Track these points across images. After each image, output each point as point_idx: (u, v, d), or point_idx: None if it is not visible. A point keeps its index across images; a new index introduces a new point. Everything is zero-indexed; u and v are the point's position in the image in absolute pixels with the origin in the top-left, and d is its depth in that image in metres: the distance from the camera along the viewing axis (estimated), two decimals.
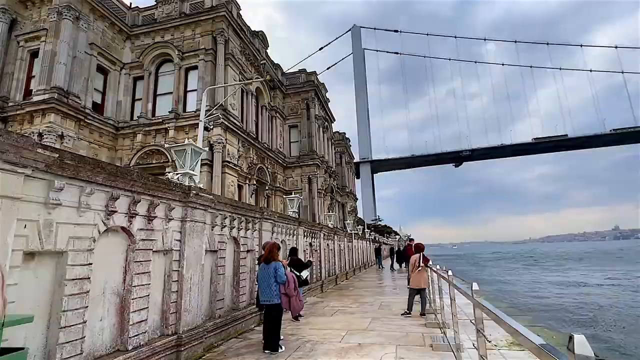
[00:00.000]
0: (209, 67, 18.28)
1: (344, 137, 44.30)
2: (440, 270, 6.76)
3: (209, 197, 6.22)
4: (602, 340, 10.58)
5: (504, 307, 14.71)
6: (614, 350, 9.53)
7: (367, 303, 10.91)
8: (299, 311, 6.54)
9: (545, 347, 1.48)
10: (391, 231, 77.49)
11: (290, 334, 7.03)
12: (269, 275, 5.90)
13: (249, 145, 20.91)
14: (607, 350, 9.56)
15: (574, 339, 1.26)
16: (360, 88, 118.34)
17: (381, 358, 5.47)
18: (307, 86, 28.41)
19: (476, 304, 2.91)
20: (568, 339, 1.29)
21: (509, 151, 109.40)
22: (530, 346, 1.61)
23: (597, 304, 16.54)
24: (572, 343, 1.26)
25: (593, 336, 10.87)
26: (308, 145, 27.27)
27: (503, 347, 5.73)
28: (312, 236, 14.08)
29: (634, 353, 9.36)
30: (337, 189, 36.32)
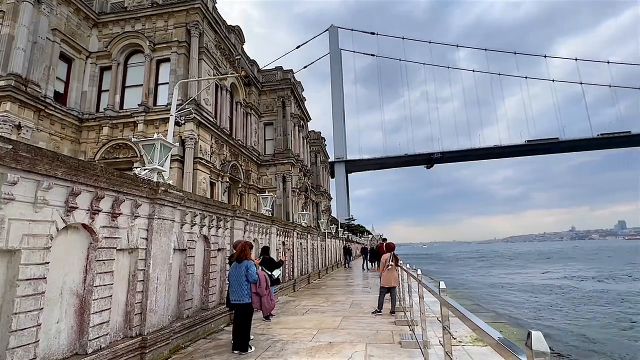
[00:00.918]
0: (182, 60, 17.73)
1: (319, 137, 44.36)
2: (410, 269, 6.91)
3: (179, 194, 6.02)
4: (559, 332, 11.24)
5: (470, 304, 15.30)
6: (571, 345, 10.14)
7: (339, 302, 10.99)
8: (270, 311, 6.48)
9: (504, 342, 1.54)
10: (364, 230, 78.54)
11: (260, 334, 6.96)
12: (240, 275, 5.80)
13: (223, 141, 20.48)
14: (564, 345, 10.16)
15: (531, 335, 1.31)
16: (337, 88, 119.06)
17: (351, 356, 5.52)
18: (284, 84, 28.20)
19: (442, 302, 2.99)
20: (527, 335, 1.35)
21: (477, 154, 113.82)
22: (491, 341, 1.67)
23: (556, 300, 17.57)
24: (529, 339, 1.31)
25: (554, 328, 11.53)
26: (283, 144, 27.09)
27: (468, 344, 5.95)
28: (286, 235, 14.00)
29: (586, 347, 10.00)
30: (312, 188, 36.34)
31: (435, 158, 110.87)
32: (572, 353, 9.00)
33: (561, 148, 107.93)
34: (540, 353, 1.27)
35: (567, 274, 32.75)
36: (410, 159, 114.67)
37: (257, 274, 5.85)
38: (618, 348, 9.78)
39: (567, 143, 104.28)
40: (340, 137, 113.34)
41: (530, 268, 41.51)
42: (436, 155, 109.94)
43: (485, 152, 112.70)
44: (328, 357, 5.50)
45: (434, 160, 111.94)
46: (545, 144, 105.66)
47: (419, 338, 5.77)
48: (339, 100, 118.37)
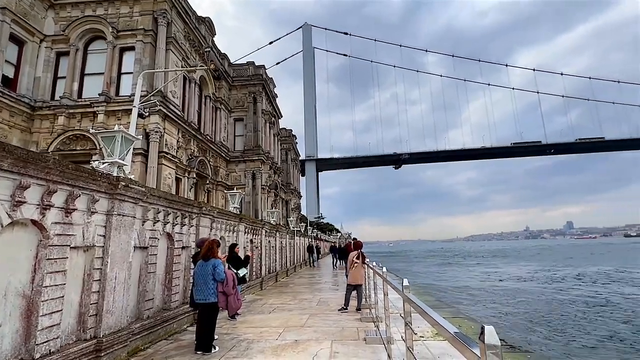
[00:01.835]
0: (147, 49, 16.95)
1: (290, 134, 44.15)
2: (376, 266, 7.05)
3: (141, 189, 5.76)
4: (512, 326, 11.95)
5: (432, 300, 15.88)
6: (523, 340, 10.80)
7: (306, 300, 11.01)
8: (237, 310, 6.36)
9: (459, 336, 1.61)
10: (333, 229, 79.22)
11: (225, 333, 6.83)
12: (206, 273, 5.65)
13: (190, 136, 19.84)
14: (518, 338, 10.80)
15: (484, 330, 1.37)
16: (309, 86, 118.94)
17: (317, 353, 5.55)
18: (255, 79, 27.76)
19: (405, 298, 3.07)
20: (480, 330, 1.41)
21: (444, 156, 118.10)
22: (448, 336, 1.74)
23: (511, 296, 18.64)
24: (483, 334, 1.37)
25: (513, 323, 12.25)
26: (253, 140, 26.69)
27: (429, 338, 6.16)
28: (254, 233, 13.82)
29: (529, 339, 10.70)
30: (282, 186, 36.12)
31: (404, 159, 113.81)
32: (522, 345, 9.60)
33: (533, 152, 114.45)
34: (492, 346, 1.34)
35: (521, 270, 34.85)
36: (380, 159, 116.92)
37: (224, 273, 5.72)
38: (562, 339, 10.56)
39: (550, 146, 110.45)
40: (311, 135, 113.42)
41: (490, 265, 43.75)
42: (404, 156, 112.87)
43: (452, 154, 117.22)
44: (294, 355, 5.50)
45: (402, 160, 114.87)
46: (522, 148, 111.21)
47: (383, 334, 5.91)
48: (311, 99, 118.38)
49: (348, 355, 5.43)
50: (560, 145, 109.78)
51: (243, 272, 8.38)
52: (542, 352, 9.05)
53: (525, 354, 8.66)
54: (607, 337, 10.70)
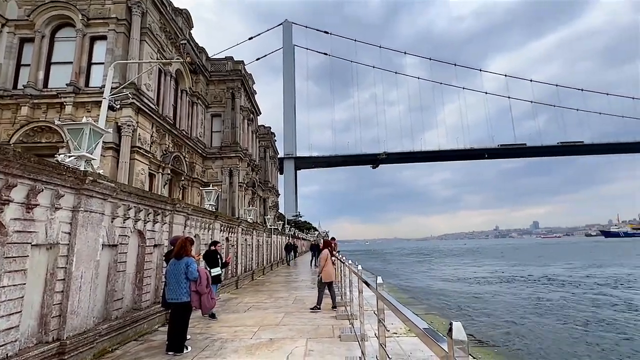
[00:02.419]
0: (121, 39, 16.30)
1: (269, 132, 43.76)
2: (352, 265, 7.11)
3: (110, 184, 5.54)
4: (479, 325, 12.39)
5: (406, 297, 16.23)
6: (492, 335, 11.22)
7: (282, 298, 10.97)
8: (211, 309, 6.23)
9: (428, 332, 1.64)
10: (311, 227, 79.35)
11: (198, 333, 6.70)
12: (179, 272, 5.51)
13: (165, 131, 19.27)
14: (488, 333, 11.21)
15: (452, 326, 1.41)
16: (289, 84, 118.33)
17: (291, 351, 5.54)
18: (234, 75, 27.29)
19: (378, 296, 3.11)
20: (449, 326, 1.45)
21: (420, 157, 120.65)
22: (417, 331, 1.78)
23: (484, 293, 19.32)
24: (451, 330, 1.41)
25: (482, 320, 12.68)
26: (231, 137, 26.25)
27: (402, 335, 6.29)
28: (230, 231, 13.62)
29: (497, 335, 11.14)
30: (260, 184, 35.76)
31: (381, 159, 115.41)
32: (490, 340, 9.98)
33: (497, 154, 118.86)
34: (459, 341, 1.38)
35: (492, 268, 36.19)
36: (358, 158, 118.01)
37: (197, 271, 5.60)
38: (532, 334, 11.06)
39: (532, 149, 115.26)
40: (290, 133, 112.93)
41: (463, 263, 45.16)
42: (382, 156, 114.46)
43: (428, 155, 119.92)
44: (268, 354, 5.47)
45: (380, 160, 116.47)
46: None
47: (357, 331, 5.97)
48: (291, 96, 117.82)
49: (323, 353, 5.46)
50: (533, 148, 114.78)
51: (217, 271, 8.24)
52: (507, 346, 9.44)
53: (493, 348, 9.01)
54: (574, 332, 11.28)
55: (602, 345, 9.70)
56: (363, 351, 4.89)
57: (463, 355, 1.37)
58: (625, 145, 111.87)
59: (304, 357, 5.30)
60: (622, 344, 9.81)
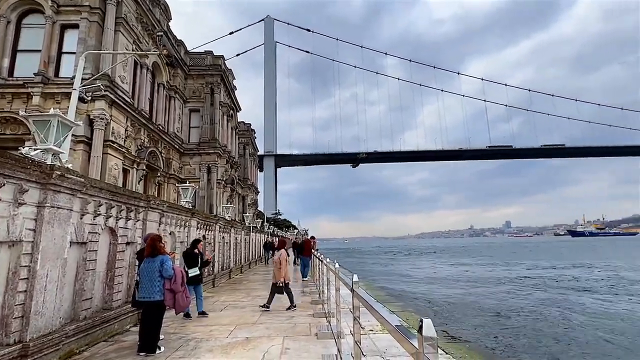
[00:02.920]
0: (94, 29, 15.65)
1: (249, 128, 43.24)
2: (330, 263, 7.14)
3: (79, 179, 5.31)
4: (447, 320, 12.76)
5: (383, 295, 16.48)
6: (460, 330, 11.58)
7: (260, 296, 10.88)
8: (185, 308, 6.09)
9: (400, 329, 1.67)
10: (290, 225, 79.15)
11: (172, 333, 6.55)
12: (153, 270, 5.36)
13: (140, 125, 18.68)
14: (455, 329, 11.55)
15: (423, 323, 1.44)
16: (270, 80, 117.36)
17: (268, 350, 5.51)
18: (213, 70, 26.77)
19: (354, 293, 3.14)
20: (419, 322, 1.47)
21: (400, 157, 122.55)
22: (390, 328, 1.81)
23: (459, 289, 19.88)
24: (421, 326, 1.44)
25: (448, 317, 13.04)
26: (210, 133, 25.76)
27: (378, 332, 6.37)
28: (207, 228, 13.37)
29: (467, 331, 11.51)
30: (239, 181, 35.31)
31: (361, 158, 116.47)
32: (462, 336, 10.30)
33: (473, 156, 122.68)
34: (429, 338, 1.40)
35: (468, 266, 37.33)
36: (339, 157, 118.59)
37: (172, 269, 5.47)
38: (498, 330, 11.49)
39: (518, 151, 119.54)
40: (270, 130, 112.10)
41: (440, 260, 46.31)
42: (362, 155, 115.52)
43: (407, 155, 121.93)
44: (244, 353, 5.41)
45: (360, 160, 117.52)
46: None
47: (334, 329, 6.01)
48: (272, 93, 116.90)
49: (299, 351, 5.46)
50: (519, 150, 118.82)
51: (194, 272, 8.04)
52: (480, 342, 9.76)
53: (465, 344, 9.30)
54: (545, 328, 11.78)
55: (572, 341, 10.18)
56: (339, 349, 4.92)
57: (432, 351, 1.40)
58: (602, 148, 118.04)
59: (280, 355, 5.28)
60: (592, 341, 10.33)
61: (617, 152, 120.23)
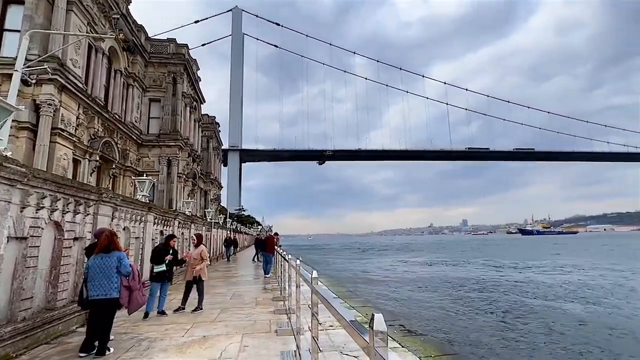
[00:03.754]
0: (42, 6, 14.42)
1: (213, 121, 42.02)
2: (291, 259, 7.12)
3: (19, 169, 4.87)
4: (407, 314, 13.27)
5: (344, 291, 16.74)
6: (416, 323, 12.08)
7: (220, 294, 10.66)
8: (141, 306, 5.79)
9: (353, 324, 1.70)
10: (254, 221, 78.11)
11: (123, 333, 6.23)
12: (109, 266, 5.06)
13: (94, 113, 17.52)
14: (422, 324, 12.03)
15: (374, 318, 1.47)
16: (236, 73, 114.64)
17: (225, 348, 5.40)
18: (176, 59, 25.65)
19: (312, 289, 3.15)
20: (371, 317, 1.50)
21: (365, 155, 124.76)
22: (344, 324, 1.84)
23: (416, 285, 20.67)
24: (372, 321, 1.47)
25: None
26: (171, 124, 24.70)
27: (337, 327, 6.46)
28: (165, 224, 12.85)
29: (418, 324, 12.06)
30: (201, 175, 34.23)
31: (327, 155, 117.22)
32: (418, 329, 10.75)
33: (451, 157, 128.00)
34: (379, 332, 1.44)
35: (426, 262, 38.94)
36: (305, 154, 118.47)
37: (130, 266, 5.21)
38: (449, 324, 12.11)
39: (496, 153, 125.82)
40: (236, 124, 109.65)
41: (400, 257, 47.83)
42: (328, 153, 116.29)
43: (372, 154, 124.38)
44: (200, 352, 5.27)
45: (327, 157, 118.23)
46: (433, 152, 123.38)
47: (294, 325, 6.01)
48: (238, 87, 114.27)
49: (258, 348, 5.40)
50: (463, 152, 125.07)
51: (160, 268, 7.67)
52: (434, 335, 10.23)
53: (420, 337, 9.70)
54: (494, 321, 12.54)
55: (519, 335, 10.92)
56: (298, 345, 4.93)
57: (382, 344, 1.43)
58: (565, 154, 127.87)
59: (239, 353, 5.20)
60: (539, 335, 11.15)
61: (578, 157, 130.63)
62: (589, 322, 12.24)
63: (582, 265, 32.47)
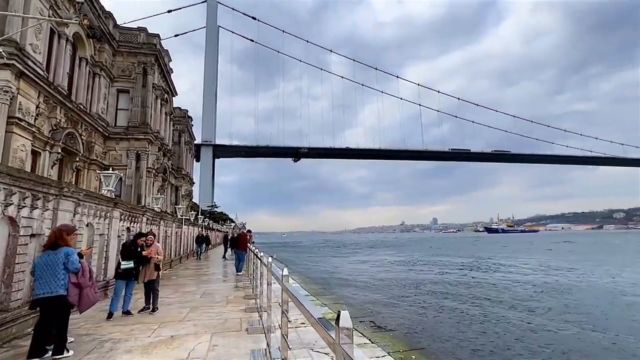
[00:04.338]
0: None
1: (186, 115, 40.80)
2: (264, 257, 7.07)
3: None
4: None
5: (317, 288, 16.84)
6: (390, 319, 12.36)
7: (189, 292, 10.42)
8: (92, 305, 5.41)
9: (321, 321, 1.71)
10: (227, 218, 76.80)
11: (84, 334, 5.95)
12: (55, 263, 4.78)
13: (56, 102, 16.55)
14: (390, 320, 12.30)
15: (340, 314, 1.48)
16: (211, 66, 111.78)
17: (194, 348, 5.29)
18: (147, 48, 24.66)
19: (283, 287, 3.14)
20: (337, 314, 1.52)
21: (341, 153, 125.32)
22: (312, 321, 1.84)
23: (384, 282, 21.10)
24: (339, 318, 1.48)
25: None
26: (140, 116, 23.74)
27: (309, 325, 6.48)
28: (132, 220, 12.36)
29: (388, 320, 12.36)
30: (172, 170, 33.19)
31: (303, 152, 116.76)
32: (387, 325, 11.01)
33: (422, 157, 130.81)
34: (345, 329, 1.46)
35: (398, 258, 39.81)
36: (280, 150, 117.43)
37: (80, 263, 4.95)
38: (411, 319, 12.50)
39: (475, 154, 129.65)
40: (210, 118, 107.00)
41: (372, 254, 48.63)
42: (303, 150, 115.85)
43: (348, 152, 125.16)
44: (167, 352, 5.13)
45: (302, 154, 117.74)
46: (408, 152, 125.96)
47: (265, 324, 5.97)
48: (212, 80, 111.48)
49: (228, 347, 5.33)
50: (437, 152, 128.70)
51: (126, 264, 7.33)
52: (403, 331, 10.50)
53: (389, 333, 9.93)
54: (458, 315, 13.03)
55: (484, 329, 11.41)
56: (269, 343, 4.91)
57: (348, 341, 1.45)
58: (537, 156, 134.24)
59: (208, 352, 5.11)
60: (502, 327, 11.69)
61: (542, 160, 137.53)
62: (550, 315, 13.00)
63: (547, 263, 34.41)
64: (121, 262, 7.32)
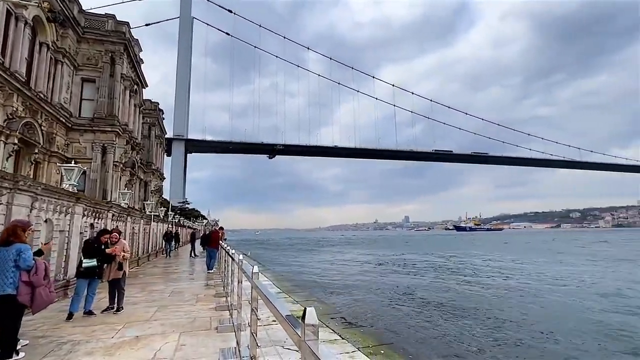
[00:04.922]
0: None
1: (157, 108, 39.37)
2: (234, 254, 6.97)
3: None
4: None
5: (289, 285, 16.81)
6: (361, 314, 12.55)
7: (157, 291, 10.11)
8: (47, 305, 5.10)
9: (288, 319, 1.72)
10: (199, 215, 75.03)
11: (40, 336, 5.63)
12: (5, 260, 4.49)
13: (13, 89, 15.48)
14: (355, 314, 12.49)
15: (306, 312, 1.49)
16: (184, 58, 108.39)
17: (160, 348, 5.14)
18: (115, 37, 23.50)
19: (253, 285, 3.11)
20: (303, 312, 1.52)
21: (316, 151, 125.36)
22: (280, 319, 1.84)
23: (357, 279, 21.39)
24: (304, 315, 1.49)
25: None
26: (107, 108, 22.63)
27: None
28: (96, 216, 11.81)
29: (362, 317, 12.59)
30: (141, 165, 31.94)
31: (278, 149, 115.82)
32: (358, 321, 11.19)
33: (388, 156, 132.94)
34: (310, 325, 1.47)
35: (369, 256, 40.48)
36: (255, 147, 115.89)
37: (33, 260, 4.67)
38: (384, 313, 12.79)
39: (455, 155, 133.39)
40: (182, 112, 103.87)
41: (345, 252, 49.14)
42: (279, 147, 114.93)
43: (323, 150, 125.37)
44: (132, 353, 4.95)
45: (277, 151, 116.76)
46: (379, 151, 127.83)
47: (235, 322, 5.90)
48: (185, 73, 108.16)
49: (196, 346, 5.22)
50: (408, 152, 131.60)
51: (88, 262, 6.97)
52: (373, 326, 10.71)
53: (360, 329, 10.09)
54: (428, 312, 13.42)
55: (452, 324, 11.82)
56: (238, 341, 4.86)
57: (313, 337, 1.46)
58: (511, 159, 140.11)
59: (175, 352, 4.98)
60: (469, 321, 12.14)
61: (510, 161, 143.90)
62: (521, 310, 13.69)
63: (520, 260, 36.12)
64: (83, 260, 6.98)
